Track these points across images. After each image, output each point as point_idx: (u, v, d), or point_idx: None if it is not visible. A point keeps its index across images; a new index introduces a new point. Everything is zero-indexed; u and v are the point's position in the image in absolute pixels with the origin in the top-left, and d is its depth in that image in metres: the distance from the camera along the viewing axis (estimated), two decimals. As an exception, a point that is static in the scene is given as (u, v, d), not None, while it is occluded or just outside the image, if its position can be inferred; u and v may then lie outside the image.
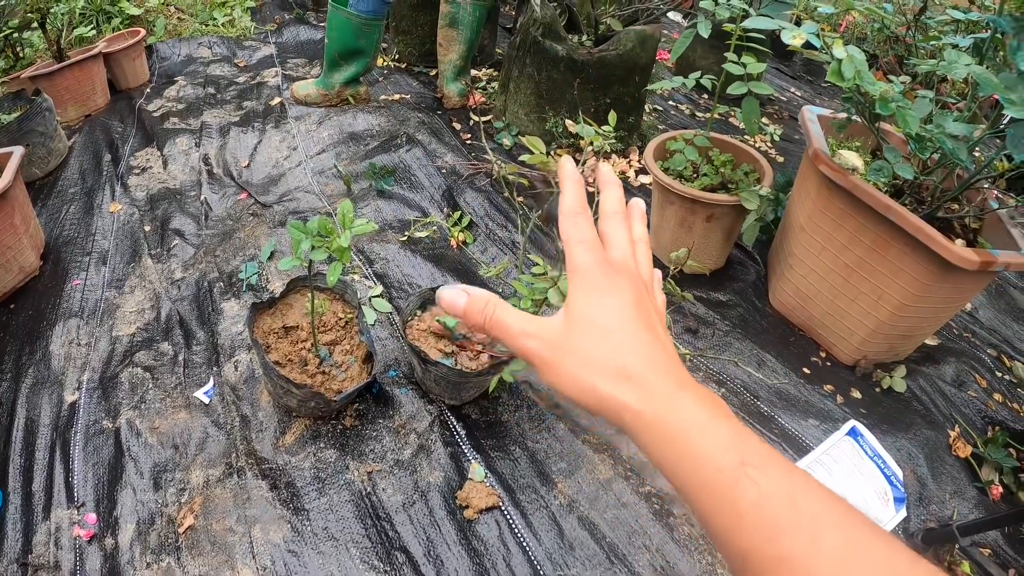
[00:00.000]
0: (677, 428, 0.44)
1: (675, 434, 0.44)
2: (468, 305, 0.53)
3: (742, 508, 0.41)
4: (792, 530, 0.39)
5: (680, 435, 0.44)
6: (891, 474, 1.69)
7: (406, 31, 3.82)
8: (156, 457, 1.71)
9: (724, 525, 0.42)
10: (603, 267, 0.52)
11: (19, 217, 2.22)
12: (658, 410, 0.45)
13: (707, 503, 0.43)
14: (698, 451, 0.43)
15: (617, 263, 0.53)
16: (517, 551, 1.52)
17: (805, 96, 4.26)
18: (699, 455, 0.43)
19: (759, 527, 0.40)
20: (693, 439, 0.44)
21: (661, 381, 0.46)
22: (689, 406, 0.45)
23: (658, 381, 0.46)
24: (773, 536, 0.40)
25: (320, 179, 2.78)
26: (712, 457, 0.43)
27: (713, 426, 0.44)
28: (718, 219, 2.13)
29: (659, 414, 0.45)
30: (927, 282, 1.73)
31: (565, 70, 2.79)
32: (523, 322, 0.52)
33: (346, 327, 1.84)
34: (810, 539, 0.39)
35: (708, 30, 1.95)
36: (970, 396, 2.00)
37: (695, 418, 0.44)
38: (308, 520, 1.56)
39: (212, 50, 4.18)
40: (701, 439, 0.43)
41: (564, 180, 0.57)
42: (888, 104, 1.58)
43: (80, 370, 1.95)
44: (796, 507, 0.40)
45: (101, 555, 1.52)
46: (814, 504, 0.40)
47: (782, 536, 0.39)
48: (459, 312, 0.53)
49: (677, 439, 0.44)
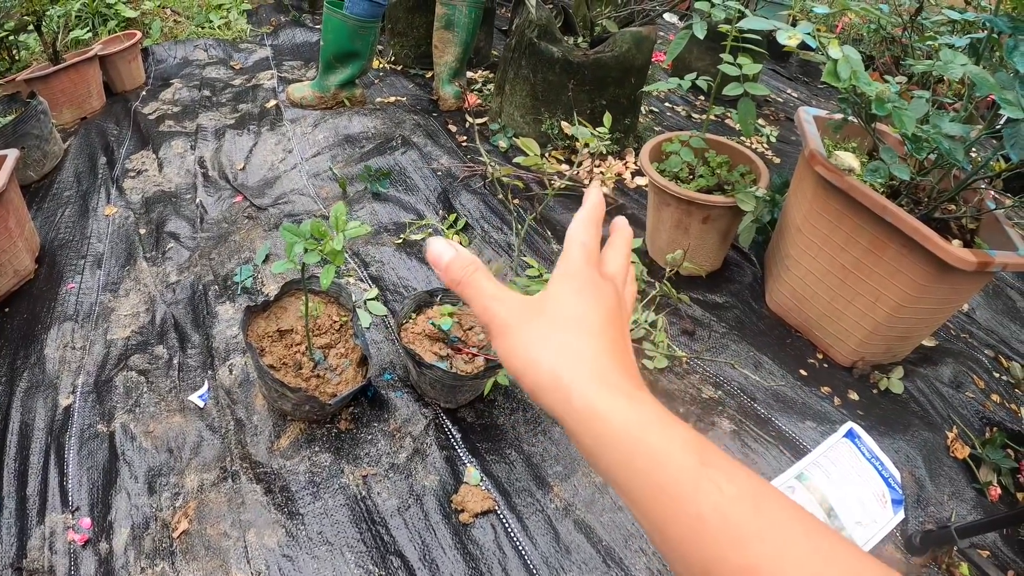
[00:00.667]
0: (634, 423, 0.41)
1: (630, 430, 0.41)
2: (452, 261, 0.52)
3: (704, 513, 0.38)
4: (759, 537, 0.37)
5: (636, 431, 0.41)
6: (889, 476, 1.69)
7: (402, 33, 3.81)
8: (151, 461, 1.70)
9: (684, 533, 0.38)
10: (593, 270, 0.52)
11: (14, 220, 2.21)
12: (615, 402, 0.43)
13: (664, 508, 0.39)
14: (656, 449, 0.40)
15: (607, 274, 0.53)
16: (513, 555, 1.51)
17: (801, 97, 4.26)
18: (657, 454, 0.40)
19: (724, 534, 0.37)
20: (651, 436, 0.41)
21: (622, 378, 0.45)
22: (648, 403, 0.43)
23: (619, 377, 0.45)
24: (739, 544, 0.37)
25: (316, 182, 2.77)
26: (672, 457, 0.40)
27: (670, 424, 0.42)
28: (714, 221, 2.13)
29: (615, 407, 0.42)
30: (924, 283, 1.73)
31: (561, 72, 2.78)
32: (497, 289, 0.51)
33: (341, 330, 1.83)
34: (779, 547, 0.36)
35: (704, 31, 1.94)
36: (968, 397, 2.00)
37: (654, 415, 0.42)
38: (303, 524, 1.55)
39: (208, 52, 4.17)
40: (660, 436, 0.41)
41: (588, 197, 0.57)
42: (884, 104, 1.57)
43: (75, 374, 1.95)
44: (762, 513, 0.37)
45: (96, 560, 1.51)
46: (779, 512, 0.38)
47: (749, 544, 0.37)
48: (442, 265, 0.52)
49: (631, 436, 0.41)
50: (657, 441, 0.41)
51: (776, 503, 0.38)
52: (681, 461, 0.39)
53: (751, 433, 1.80)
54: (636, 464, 0.41)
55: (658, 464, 0.40)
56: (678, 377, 1.95)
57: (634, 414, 0.42)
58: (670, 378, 1.94)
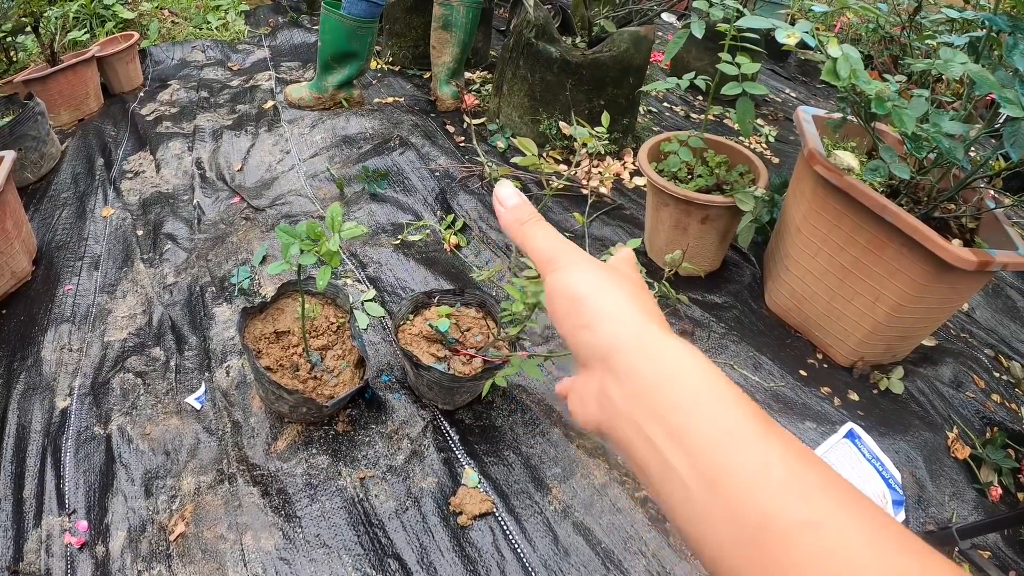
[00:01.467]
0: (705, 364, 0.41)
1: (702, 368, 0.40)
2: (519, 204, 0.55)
3: (771, 461, 0.36)
4: (822, 492, 0.35)
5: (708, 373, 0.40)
6: (889, 477, 1.68)
7: (400, 34, 3.81)
8: (147, 464, 1.70)
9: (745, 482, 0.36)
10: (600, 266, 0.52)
11: (11, 222, 2.20)
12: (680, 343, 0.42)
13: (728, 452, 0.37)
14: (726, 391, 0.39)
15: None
16: (511, 558, 1.51)
17: (800, 97, 4.26)
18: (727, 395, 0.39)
19: (790, 483, 0.35)
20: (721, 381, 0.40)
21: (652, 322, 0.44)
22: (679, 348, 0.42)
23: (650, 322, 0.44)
24: (804, 496, 0.35)
25: (313, 183, 2.76)
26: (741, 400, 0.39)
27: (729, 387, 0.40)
28: (713, 221, 2.12)
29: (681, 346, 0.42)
30: (924, 282, 1.72)
31: (559, 72, 2.78)
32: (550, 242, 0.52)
33: (338, 332, 1.82)
34: (840, 504, 0.34)
35: (702, 30, 1.93)
36: (968, 397, 1.99)
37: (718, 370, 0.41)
38: (300, 527, 1.55)
39: (206, 54, 4.17)
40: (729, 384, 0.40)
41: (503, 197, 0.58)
42: (884, 103, 1.57)
43: (72, 376, 1.94)
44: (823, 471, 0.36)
45: (92, 563, 1.51)
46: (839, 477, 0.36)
47: (813, 497, 0.34)
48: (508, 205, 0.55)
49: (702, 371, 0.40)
50: (727, 386, 0.40)
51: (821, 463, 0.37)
52: (749, 407, 0.39)
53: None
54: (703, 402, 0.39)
55: (727, 406, 0.39)
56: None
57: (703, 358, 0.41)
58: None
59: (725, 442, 0.37)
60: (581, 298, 0.47)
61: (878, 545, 0.33)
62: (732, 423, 0.38)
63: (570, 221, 2.55)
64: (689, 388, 0.40)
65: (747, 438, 0.37)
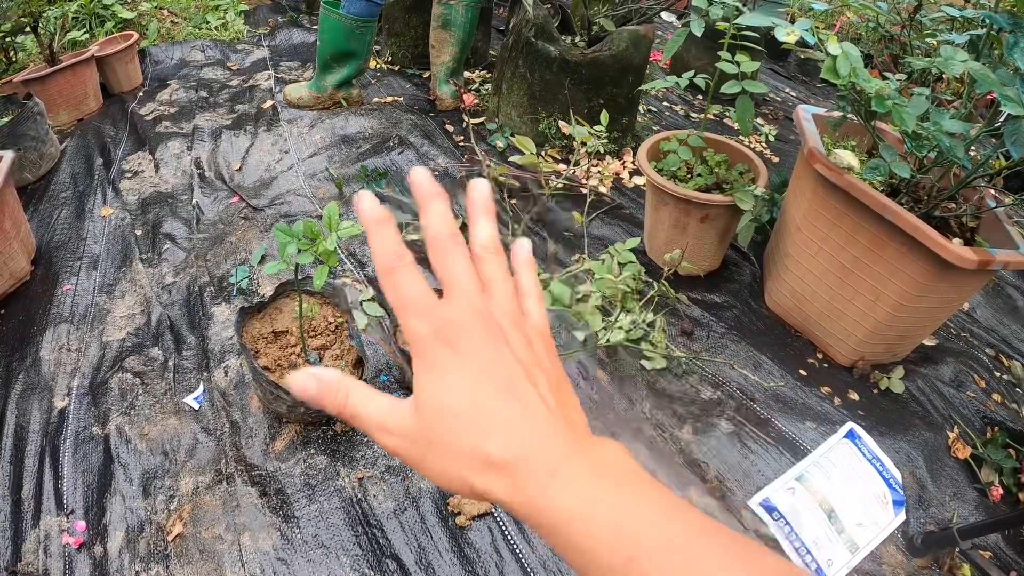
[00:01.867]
0: (557, 520, 0.39)
1: (557, 526, 0.39)
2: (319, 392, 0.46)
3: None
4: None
5: (562, 528, 0.39)
6: (890, 477, 1.68)
7: (399, 33, 3.80)
8: (145, 464, 1.69)
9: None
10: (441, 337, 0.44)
11: (9, 222, 2.20)
12: (533, 502, 0.40)
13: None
14: (583, 548, 0.39)
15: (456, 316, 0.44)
16: (510, 558, 1.50)
17: (800, 96, 4.25)
18: (584, 552, 0.39)
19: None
20: (574, 534, 0.39)
21: (532, 466, 0.41)
22: (567, 493, 0.40)
23: (529, 467, 0.41)
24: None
25: (312, 182, 2.76)
26: (597, 555, 0.38)
27: (594, 514, 0.39)
28: (712, 220, 2.11)
29: (535, 507, 0.40)
30: (925, 282, 1.71)
31: (558, 71, 2.77)
32: (379, 414, 0.45)
33: (336, 332, 1.82)
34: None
35: (701, 29, 1.93)
36: (969, 397, 1.99)
37: (573, 509, 0.39)
38: (298, 527, 1.54)
39: (205, 53, 4.16)
40: (582, 535, 0.39)
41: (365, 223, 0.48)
42: (884, 101, 1.56)
43: (70, 376, 1.94)
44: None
45: (90, 563, 1.51)
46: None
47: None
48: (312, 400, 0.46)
49: (559, 531, 0.39)
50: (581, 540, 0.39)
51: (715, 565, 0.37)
52: (607, 560, 0.38)
53: (751, 434, 1.79)
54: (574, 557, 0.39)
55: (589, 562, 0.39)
56: (677, 378, 1.93)
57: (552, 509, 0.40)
58: (668, 379, 1.92)
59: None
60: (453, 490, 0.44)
61: None
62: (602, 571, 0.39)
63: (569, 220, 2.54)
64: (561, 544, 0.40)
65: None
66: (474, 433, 0.42)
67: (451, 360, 0.43)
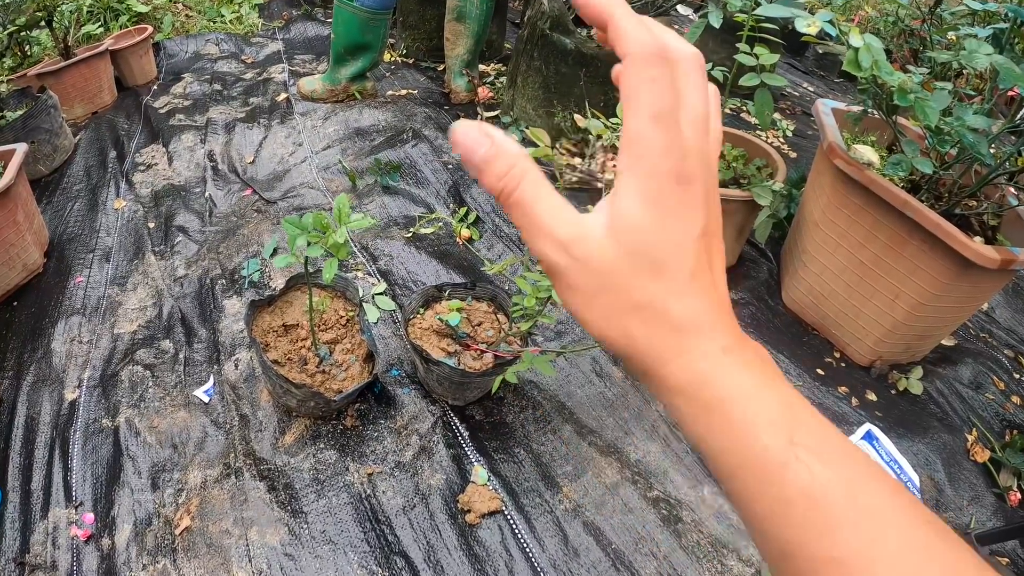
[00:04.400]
0: (719, 394, 0.37)
1: (715, 401, 0.37)
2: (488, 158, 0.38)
3: (791, 496, 0.35)
4: (849, 528, 0.34)
5: (721, 403, 0.37)
6: (908, 479, 1.65)
7: (413, 26, 3.79)
8: (154, 457, 1.69)
9: (767, 513, 0.36)
10: (678, 163, 0.37)
11: (22, 214, 2.20)
12: (701, 373, 0.38)
13: (748, 485, 0.37)
14: (742, 424, 0.37)
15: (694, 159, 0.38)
16: (520, 557, 1.48)
17: (818, 91, 4.22)
18: (742, 429, 0.37)
19: (811, 520, 0.34)
20: (736, 410, 0.37)
21: (709, 339, 0.38)
22: (735, 370, 0.38)
23: (706, 339, 0.38)
24: (827, 532, 0.34)
25: (325, 175, 2.75)
26: (758, 432, 0.36)
27: (760, 396, 0.37)
28: (730, 215, 2.09)
29: (700, 376, 0.38)
30: (945, 281, 1.68)
31: (573, 64, 2.75)
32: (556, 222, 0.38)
33: (347, 325, 1.80)
34: (869, 540, 0.33)
35: (720, 20, 1.90)
36: (988, 399, 1.95)
37: (740, 385, 0.37)
38: (306, 523, 1.53)
39: (219, 47, 4.17)
40: (746, 410, 0.37)
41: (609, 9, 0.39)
42: (907, 95, 1.53)
43: (81, 368, 1.93)
44: (855, 500, 0.34)
45: (98, 555, 1.50)
46: (875, 497, 0.35)
47: (837, 533, 0.34)
48: (475, 162, 0.39)
49: (717, 407, 0.37)
50: (742, 415, 0.37)
51: (872, 485, 0.35)
52: (768, 440, 0.36)
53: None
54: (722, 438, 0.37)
55: (743, 442, 0.37)
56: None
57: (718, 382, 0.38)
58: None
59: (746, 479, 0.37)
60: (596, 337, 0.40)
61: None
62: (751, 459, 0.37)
63: (585, 215, 2.52)
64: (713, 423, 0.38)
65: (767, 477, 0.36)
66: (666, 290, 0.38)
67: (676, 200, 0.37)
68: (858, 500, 0.34)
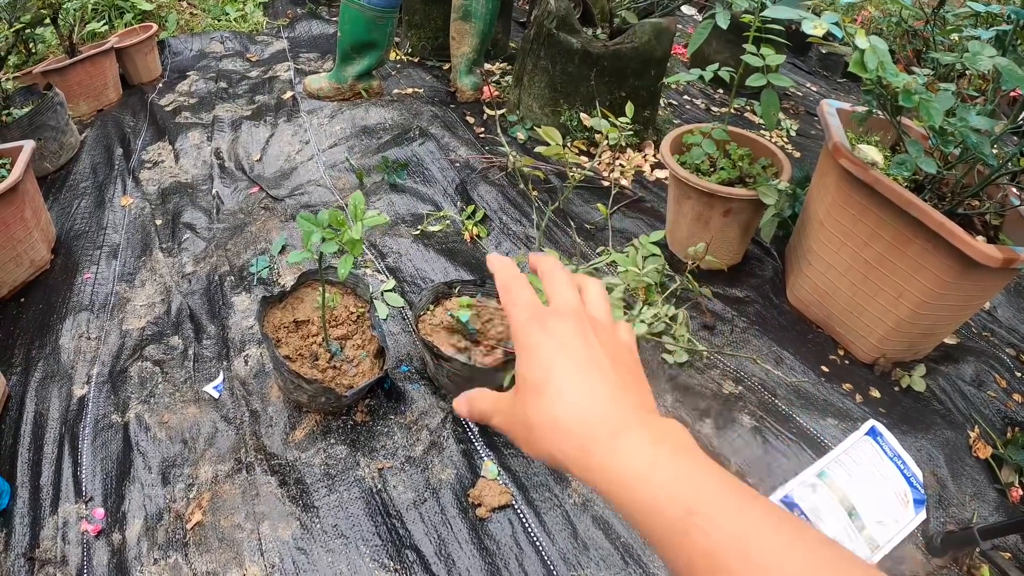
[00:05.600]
0: (620, 480, 0.43)
1: (620, 486, 0.43)
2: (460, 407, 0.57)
3: (694, 559, 0.40)
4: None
5: (625, 487, 0.43)
6: (911, 475, 1.66)
7: (419, 24, 3.80)
8: (165, 452, 1.70)
9: (681, 572, 0.41)
10: (537, 319, 0.51)
11: (30, 211, 2.21)
12: (600, 465, 0.44)
13: (663, 553, 0.42)
14: (644, 503, 0.42)
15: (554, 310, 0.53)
16: (530, 550, 1.50)
17: (821, 91, 4.23)
18: (645, 507, 0.42)
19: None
20: (637, 492, 0.42)
21: (597, 430, 0.45)
22: (629, 453, 0.44)
23: (594, 430, 0.45)
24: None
25: (332, 173, 2.76)
26: (658, 510, 0.41)
27: (655, 475, 0.43)
28: (735, 214, 2.10)
29: (600, 467, 0.44)
30: (949, 279, 1.70)
31: (580, 63, 2.76)
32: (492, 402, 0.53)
33: (358, 321, 1.82)
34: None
35: (727, 21, 1.92)
36: (990, 396, 1.97)
37: (635, 468, 0.43)
38: (317, 517, 1.54)
39: (224, 45, 4.17)
40: (644, 492, 0.42)
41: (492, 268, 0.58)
42: (911, 96, 1.54)
43: (89, 364, 1.94)
44: (748, 557, 0.38)
45: (108, 550, 1.51)
46: (768, 551, 0.38)
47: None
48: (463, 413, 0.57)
49: (623, 490, 0.43)
50: (643, 496, 0.42)
51: (767, 543, 0.39)
52: (667, 514, 0.41)
53: (772, 430, 1.78)
54: (635, 515, 0.43)
55: (649, 518, 0.42)
56: (698, 372, 1.92)
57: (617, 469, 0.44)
58: (690, 373, 1.92)
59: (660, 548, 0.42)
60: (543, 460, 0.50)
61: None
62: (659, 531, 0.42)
63: (592, 213, 2.53)
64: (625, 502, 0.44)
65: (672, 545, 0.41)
66: (548, 403, 0.47)
67: (539, 337, 0.49)
68: (751, 556, 0.38)
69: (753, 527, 0.39)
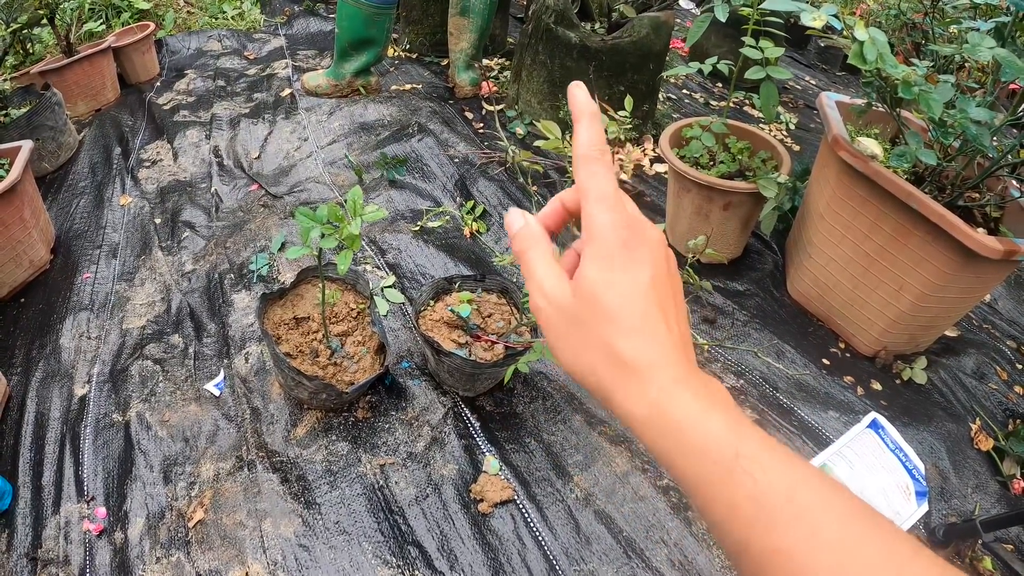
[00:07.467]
0: (672, 422, 0.44)
1: (670, 428, 0.44)
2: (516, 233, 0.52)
3: (739, 500, 0.41)
4: (789, 523, 0.39)
5: (675, 429, 0.44)
6: (913, 467, 1.66)
7: (417, 21, 3.80)
8: (166, 450, 1.70)
9: (722, 516, 0.42)
10: (623, 234, 0.47)
11: (28, 211, 2.20)
12: (654, 403, 0.45)
13: (704, 496, 0.43)
14: (693, 445, 0.43)
15: (639, 227, 0.48)
16: (532, 545, 1.50)
17: (820, 85, 4.22)
18: (694, 449, 0.43)
19: (756, 519, 0.40)
20: (688, 433, 0.43)
21: (660, 372, 0.45)
22: (685, 400, 0.44)
23: (657, 372, 0.45)
24: (769, 528, 0.40)
25: (331, 170, 2.76)
26: (707, 451, 0.42)
27: (708, 419, 0.43)
28: (735, 207, 2.10)
29: (655, 407, 0.45)
30: (949, 271, 1.70)
31: (578, 58, 2.76)
32: (546, 277, 0.50)
33: (358, 318, 1.82)
34: (808, 532, 0.39)
35: (726, 14, 1.91)
36: (991, 388, 1.97)
37: (689, 412, 0.44)
38: (319, 514, 1.54)
39: (222, 43, 4.16)
40: (695, 433, 0.43)
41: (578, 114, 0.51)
42: (911, 88, 1.54)
43: (90, 363, 1.94)
44: (793, 500, 0.40)
45: (110, 549, 1.51)
46: (812, 496, 0.40)
47: (778, 528, 0.39)
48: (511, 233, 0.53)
49: (672, 433, 0.44)
50: (693, 438, 0.43)
51: (811, 487, 0.40)
52: (715, 455, 0.42)
53: (773, 423, 1.78)
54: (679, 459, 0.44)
55: (696, 460, 0.43)
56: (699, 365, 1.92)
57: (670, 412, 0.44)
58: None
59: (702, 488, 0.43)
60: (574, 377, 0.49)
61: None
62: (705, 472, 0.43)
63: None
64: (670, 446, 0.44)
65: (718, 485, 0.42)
66: (617, 331, 0.46)
67: (623, 261, 0.47)
68: (797, 500, 0.40)
69: (799, 476, 0.41)
